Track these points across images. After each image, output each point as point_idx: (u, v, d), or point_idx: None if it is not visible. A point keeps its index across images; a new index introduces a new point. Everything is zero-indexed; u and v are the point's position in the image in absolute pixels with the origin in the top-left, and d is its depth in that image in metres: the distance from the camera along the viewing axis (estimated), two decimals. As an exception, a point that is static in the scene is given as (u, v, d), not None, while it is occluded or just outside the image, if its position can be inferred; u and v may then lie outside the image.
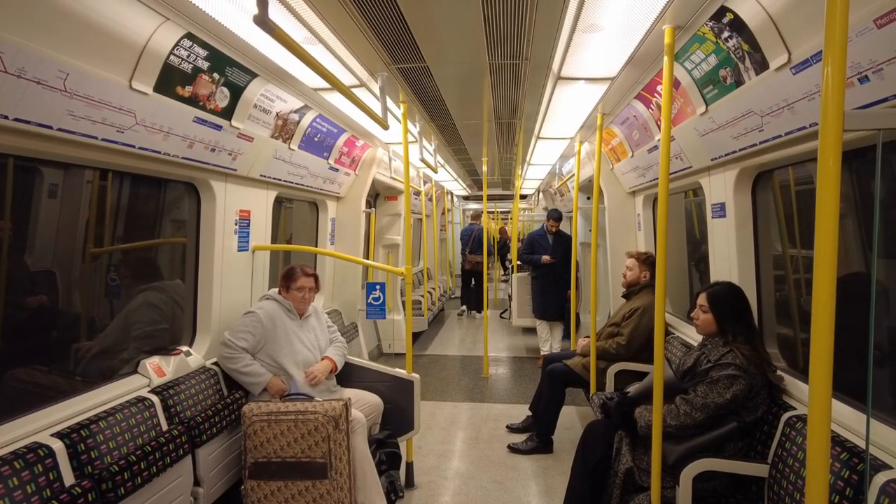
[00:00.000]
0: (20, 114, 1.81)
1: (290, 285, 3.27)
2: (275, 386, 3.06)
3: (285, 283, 3.29)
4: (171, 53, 2.26)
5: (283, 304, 3.26)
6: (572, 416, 4.67)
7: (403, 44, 2.69)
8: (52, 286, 2.73)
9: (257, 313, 3.14)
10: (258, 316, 3.13)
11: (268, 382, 3.05)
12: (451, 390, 5.59)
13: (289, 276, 3.28)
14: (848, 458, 1.85)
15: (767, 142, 2.43)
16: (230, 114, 2.86)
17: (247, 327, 3.09)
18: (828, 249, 1.14)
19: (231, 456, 2.93)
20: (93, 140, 2.15)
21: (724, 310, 2.59)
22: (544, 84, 3.37)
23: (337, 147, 4.50)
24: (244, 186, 3.48)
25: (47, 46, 1.77)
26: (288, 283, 3.28)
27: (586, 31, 2.32)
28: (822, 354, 1.14)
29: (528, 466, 3.82)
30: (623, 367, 3.75)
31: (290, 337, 3.20)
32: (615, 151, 4.75)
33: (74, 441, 2.07)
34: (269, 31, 1.86)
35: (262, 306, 3.21)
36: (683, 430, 2.43)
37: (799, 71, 1.97)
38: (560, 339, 6.41)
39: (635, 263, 4.02)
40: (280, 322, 3.18)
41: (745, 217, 3.01)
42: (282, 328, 3.18)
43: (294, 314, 3.29)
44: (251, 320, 3.12)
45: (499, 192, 13.30)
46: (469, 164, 7.81)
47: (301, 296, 3.28)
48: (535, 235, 6.57)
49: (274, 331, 3.14)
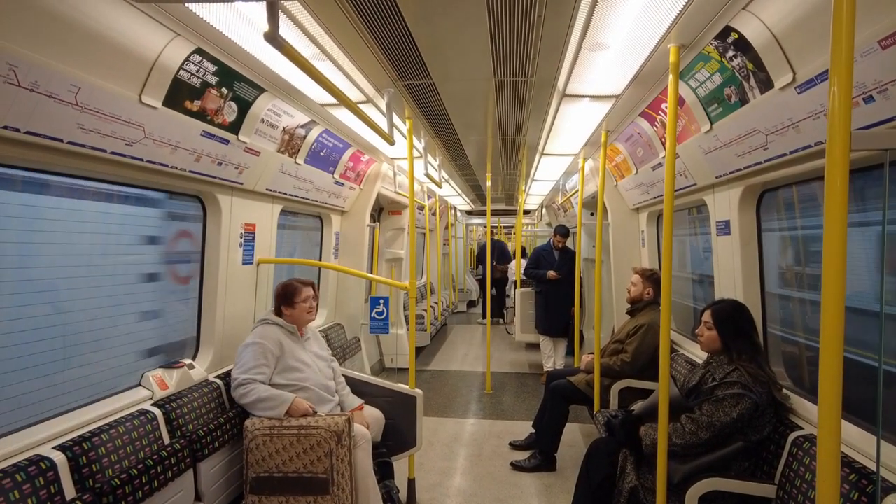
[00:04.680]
0: (32, 127, 1.83)
1: (294, 300, 3.11)
2: (299, 408, 2.79)
3: (286, 300, 3.12)
4: (180, 68, 2.29)
5: (284, 326, 3.09)
6: (576, 434, 4.63)
7: (410, 61, 2.73)
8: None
9: (262, 343, 2.94)
10: (264, 346, 2.93)
11: (292, 403, 2.79)
12: (454, 406, 5.54)
13: (289, 292, 3.13)
14: (857, 479, 1.83)
15: (772, 160, 2.44)
16: (237, 128, 2.89)
17: (257, 360, 2.88)
18: (836, 267, 1.14)
19: (232, 471, 2.91)
20: (101, 153, 2.17)
21: (728, 327, 2.58)
22: (549, 101, 3.40)
23: (342, 162, 4.53)
24: (250, 200, 3.50)
25: (60, 61, 1.80)
26: (291, 299, 3.12)
27: (592, 49, 2.34)
28: (830, 374, 1.14)
29: (531, 484, 3.78)
30: (627, 384, 3.73)
31: (300, 358, 3.05)
32: (619, 168, 4.77)
33: (76, 454, 2.06)
34: (279, 47, 1.89)
35: (263, 334, 2.99)
36: (689, 449, 2.40)
37: (804, 90, 1.98)
38: (563, 355, 6.36)
39: (639, 279, 4.01)
40: (286, 345, 3.02)
41: (749, 234, 3.01)
42: (289, 351, 3.02)
43: (296, 335, 3.13)
44: (259, 352, 2.90)
45: (502, 207, 13.33)
46: (473, 179, 7.84)
47: (307, 306, 3.14)
48: (541, 250, 6.56)
49: (283, 356, 2.98)
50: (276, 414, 2.76)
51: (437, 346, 8.51)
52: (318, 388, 3.05)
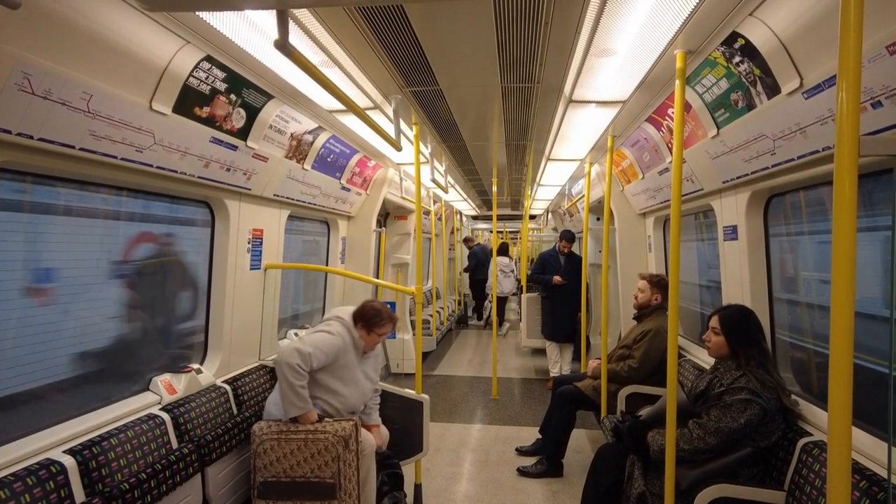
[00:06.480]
0: (45, 133, 1.86)
1: (374, 328, 3.06)
2: (308, 420, 2.78)
3: (366, 323, 3.06)
4: (190, 75, 2.31)
5: (355, 339, 3.05)
6: (583, 440, 4.61)
7: (418, 67, 2.74)
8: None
9: (336, 342, 2.94)
10: (338, 342, 2.94)
11: (305, 413, 2.77)
12: (460, 412, 5.54)
13: (372, 319, 3.05)
14: (868, 486, 1.82)
15: (779, 165, 2.43)
16: (246, 134, 2.91)
17: (327, 347, 2.89)
18: (845, 273, 1.13)
19: (240, 475, 2.92)
20: (112, 159, 2.19)
21: (736, 333, 2.57)
22: (556, 107, 3.41)
23: (349, 167, 4.56)
24: (258, 205, 3.52)
25: (73, 69, 1.83)
26: (370, 325, 3.05)
27: (599, 55, 2.35)
28: (840, 380, 1.13)
29: (538, 490, 3.76)
30: (634, 389, 3.72)
31: (351, 372, 3.02)
32: (626, 173, 4.77)
33: (86, 458, 2.07)
34: (289, 54, 1.91)
35: (342, 333, 3.00)
36: (697, 455, 2.39)
37: (811, 95, 1.98)
38: (570, 360, 6.35)
39: (647, 286, 4.00)
40: (348, 356, 3.01)
41: (757, 240, 3.00)
42: (346, 363, 2.99)
43: (359, 351, 3.09)
44: (332, 342, 2.92)
45: (508, 212, 13.33)
46: (479, 184, 7.85)
47: (378, 342, 3.14)
48: (547, 255, 6.55)
49: (337, 362, 2.96)
50: (288, 410, 2.73)
51: (443, 351, 8.50)
52: (347, 407, 3.02)
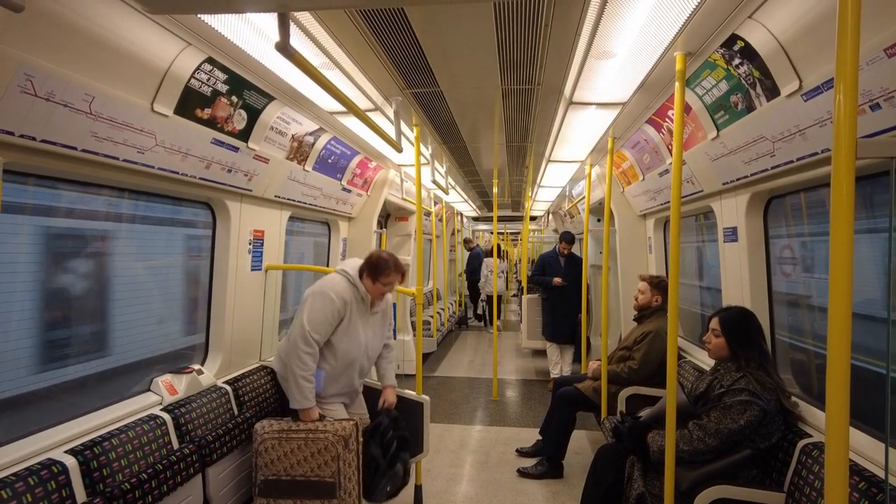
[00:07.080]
0: (47, 135, 1.87)
1: (379, 277, 2.91)
2: (309, 417, 2.77)
3: (372, 272, 2.91)
4: (191, 77, 2.32)
5: (360, 290, 2.92)
6: (583, 441, 4.61)
7: (418, 69, 2.75)
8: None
9: (336, 303, 2.81)
10: (336, 306, 2.81)
11: (307, 410, 2.76)
12: (461, 413, 5.54)
13: (377, 268, 2.91)
14: (866, 487, 1.82)
15: (779, 167, 2.44)
16: (247, 136, 2.92)
17: (326, 318, 2.78)
18: (843, 274, 1.14)
19: (241, 475, 2.92)
20: (114, 161, 2.20)
21: (736, 334, 2.57)
22: (556, 108, 3.41)
23: (350, 169, 4.57)
24: (259, 207, 3.53)
25: (75, 71, 1.84)
26: (375, 274, 2.91)
27: (599, 57, 2.36)
28: (838, 381, 1.14)
29: (538, 491, 3.77)
30: (635, 391, 3.72)
31: (356, 329, 2.92)
32: (626, 175, 4.77)
33: (87, 458, 2.08)
34: (290, 57, 1.92)
35: (340, 292, 2.85)
36: (696, 456, 2.40)
37: (810, 98, 1.99)
38: (570, 362, 6.35)
39: (647, 287, 4.00)
40: (353, 312, 2.89)
41: (757, 241, 3.01)
42: (349, 317, 2.88)
43: (366, 304, 2.97)
44: (331, 311, 2.80)
45: (508, 213, 13.34)
46: (479, 185, 7.86)
47: (384, 291, 2.98)
48: (547, 257, 6.55)
49: (345, 320, 2.85)
50: (290, 400, 2.79)
51: (444, 352, 8.51)
52: (344, 362, 2.93)
